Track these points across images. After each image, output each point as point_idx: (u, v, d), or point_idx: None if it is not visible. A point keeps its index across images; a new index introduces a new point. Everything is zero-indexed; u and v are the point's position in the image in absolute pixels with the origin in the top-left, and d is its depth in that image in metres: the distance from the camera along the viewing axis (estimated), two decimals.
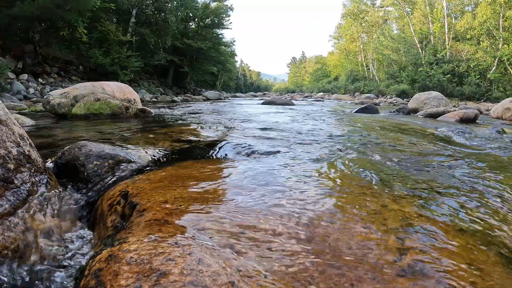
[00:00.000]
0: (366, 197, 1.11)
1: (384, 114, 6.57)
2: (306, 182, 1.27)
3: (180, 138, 2.34)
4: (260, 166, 1.51)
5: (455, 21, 23.54)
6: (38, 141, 2.13)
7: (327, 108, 8.54)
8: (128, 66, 16.23)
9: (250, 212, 0.96)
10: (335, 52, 43.27)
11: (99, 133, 2.64)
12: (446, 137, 3.10)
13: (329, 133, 2.84)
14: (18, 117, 3.45)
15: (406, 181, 1.33)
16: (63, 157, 1.42)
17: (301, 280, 0.66)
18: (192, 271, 0.60)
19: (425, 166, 1.66)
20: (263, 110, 6.44)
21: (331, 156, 1.80)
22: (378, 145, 2.25)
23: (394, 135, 2.91)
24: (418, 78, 20.73)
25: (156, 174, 1.34)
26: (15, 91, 9.68)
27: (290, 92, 49.66)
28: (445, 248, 0.80)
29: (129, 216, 0.97)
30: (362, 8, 35.09)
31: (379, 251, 0.77)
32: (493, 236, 0.90)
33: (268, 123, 3.62)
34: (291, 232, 0.85)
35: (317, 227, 0.88)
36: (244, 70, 73.53)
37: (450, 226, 0.93)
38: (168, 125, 3.42)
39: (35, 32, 12.05)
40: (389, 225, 0.90)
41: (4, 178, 0.95)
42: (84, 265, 0.75)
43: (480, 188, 1.29)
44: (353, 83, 31.70)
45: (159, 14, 19.91)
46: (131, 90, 5.25)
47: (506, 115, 6.54)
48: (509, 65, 17.62)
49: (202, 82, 29.07)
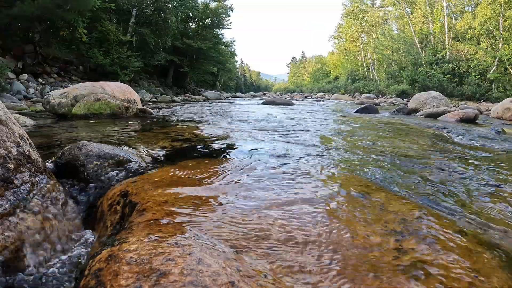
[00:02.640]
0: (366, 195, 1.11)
1: (384, 114, 6.57)
2: (306, 182, 1.27)
3: (180, 138, 2.34)
4: (260, 166, 1.51)
5: (455, 21, 23.52)
6: (38, 141, 2.13)
7: (327, 108, 8.54)
8: (128, 66, 16.21)
9: (251, 211, 0.96)
10: (335, 52, 43.21)
11: (99, 133, 2.63)
12: (446, 137, 3.10)
13: (329, 132, 2.84)
14: (18, 117, 3.45)
15: (406, 180, 1.33)
16: (63, 157, 1.42)
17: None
18: (192, 271, 0.60)
19: (424, 165, 1.66)
20: (263, 110, 6.44)
21: (331, 156, 1.80)
22: (378, 145, 2.24)
23: (394, 135, 2.91)
24: (418, 78, 20.71)
25: (156, 174, 1.34)
26: (15, 91, 9.67)
27: (290, 92, 49.60)
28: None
29: (129, 216, 0.97)
30: (362, 8, 35.05)
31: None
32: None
33: (268, 122, 3.62)
34: (292, 232, 0.85)
35: (316, 224, 0.89)
36: (244, 70, 73.48)
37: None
38: (168, 125, 3.42)
39: (35, 32, 12.04)
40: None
41: (4, 178, 0.95)
42: (84, 265, 0.75)
43: (479, 187, 1.29)
44: (353, 83, 31.66)
45: (159, 14, 19.89)
46: (131, 90, 5.25)
47: (506, 115, 6.53)
48: (509, 65, 17.61)
49: (202, 82, 29.04)
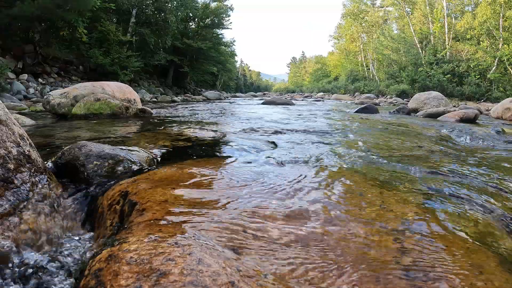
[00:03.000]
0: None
1: (384, 114, 6.57)
2: (308, 182, 1.27)
3: (180, 138, 2.34)
4: (260, 166, 1.51)
5: (455, 21, 23.52)
6: (38, 141, 2.13)
7: (327, 108, 8.54)
8: (128, 66, 16.22)
9: (251, 211, 0.96)
10: (335, 52, 43.23)
11: (99, 133, 2.64)
12: (445, 137, 3.10)
13: (329, 133, 2.84)
14: (18, 117, 3.45)
15: (406, 181, 1.33)
16: (63, 157, 1.42)
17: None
18: (192, 271, 0.60)
19: (424, 165, 1.66)
20: (263, 109, 6.44)
21: (332, 155, 1.80)
22: (378, 144, 2.25)
23: (394, 134, 2.91)
24: (418, 78, 20.71)
25: (156, 173, 1.34)
26: (15, 91, 9.67)
27: (290, 92, 49.62)
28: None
29: (129, 215, 0.97)
30: (362, 8, 35.05)
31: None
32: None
33: (268, 122, 3.62)
34: (292, 231, 0.85)
35: (317, 220, 0.89)
36: (244, 70, 73.48)
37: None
38: (168, 125, 3.42)
39: (35, 32, 12.04)
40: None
41: (4, 178, 0.95)
42: (84, 265, 0.75)
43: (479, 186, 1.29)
44: (353, 83, 31.67)
45: (159, 14, 19.89)
46: (131, 90, 5.25)
47: (506, 115, 6.53)
48: (509, 65, 17.61)
49: (202, 82, 29.04)
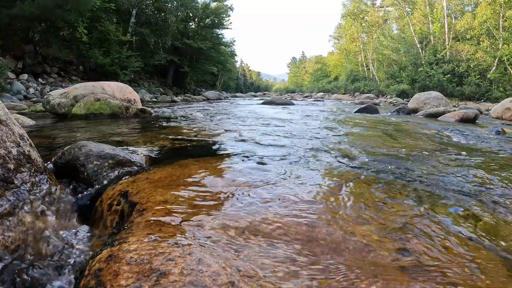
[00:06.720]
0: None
1: (384, 114, 6.57)
2: (308, 183, 1.27)
3: (179, 138, 2.34)
4: (260, 165, 1.51)
5: (455, 21, 23.49)
6: (38, 141, 2.13)
7: (327, 108, 8.54)
8: (128, 66, 16.21)
9: (250, 210, 0.96)
10: (335, 52, 43.18)
11: (99, 133, 2.64)
12: (445, 137, 3.10)
13: (329, 132, 2.84)
14: (18, 117, 3.45)
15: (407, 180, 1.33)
16: (63, 157, 1.42)
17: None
18: (192, 271, 0.60)
19: (423, 165, 1.66)
20: (262, 109, 6.44)
21: (332, 155, 1.80)
22: (378, 144, 2.25)
23: (394, 135, 2.91)
24: (418, 78, 20.69)
25: (156, 173, 1.34)
26: (15, 91, 9.67)
27: (290, 92, 49.59)
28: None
29: (129, 215, 0.97)
30: (362, 8, 35.02)
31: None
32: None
33: (267, 122, 3.62)
34: (292, 230, 0.85)
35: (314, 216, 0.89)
36: (244, 70, 73.45)
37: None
38: (168, 125, 3.42)
39: (35, 32, 12.03)
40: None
41: (4, 178, 0.95)
42: (84, 265, 0.75)
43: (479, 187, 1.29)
44: (353, 83, 31.64)
45: (159, 14, 19.88)
46: (131, 90, 5.25)
47: (506, 115, 6.53)
48: (509, 65, 17.60)
49: (202, 82, 29.03)
